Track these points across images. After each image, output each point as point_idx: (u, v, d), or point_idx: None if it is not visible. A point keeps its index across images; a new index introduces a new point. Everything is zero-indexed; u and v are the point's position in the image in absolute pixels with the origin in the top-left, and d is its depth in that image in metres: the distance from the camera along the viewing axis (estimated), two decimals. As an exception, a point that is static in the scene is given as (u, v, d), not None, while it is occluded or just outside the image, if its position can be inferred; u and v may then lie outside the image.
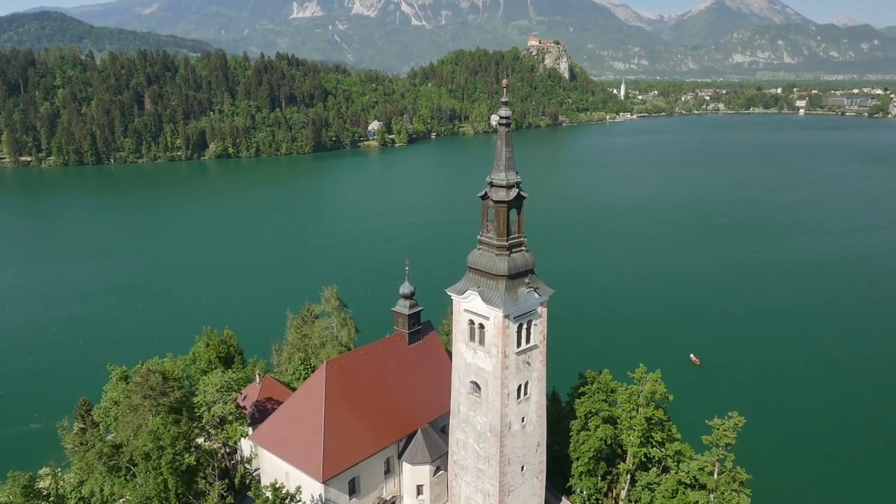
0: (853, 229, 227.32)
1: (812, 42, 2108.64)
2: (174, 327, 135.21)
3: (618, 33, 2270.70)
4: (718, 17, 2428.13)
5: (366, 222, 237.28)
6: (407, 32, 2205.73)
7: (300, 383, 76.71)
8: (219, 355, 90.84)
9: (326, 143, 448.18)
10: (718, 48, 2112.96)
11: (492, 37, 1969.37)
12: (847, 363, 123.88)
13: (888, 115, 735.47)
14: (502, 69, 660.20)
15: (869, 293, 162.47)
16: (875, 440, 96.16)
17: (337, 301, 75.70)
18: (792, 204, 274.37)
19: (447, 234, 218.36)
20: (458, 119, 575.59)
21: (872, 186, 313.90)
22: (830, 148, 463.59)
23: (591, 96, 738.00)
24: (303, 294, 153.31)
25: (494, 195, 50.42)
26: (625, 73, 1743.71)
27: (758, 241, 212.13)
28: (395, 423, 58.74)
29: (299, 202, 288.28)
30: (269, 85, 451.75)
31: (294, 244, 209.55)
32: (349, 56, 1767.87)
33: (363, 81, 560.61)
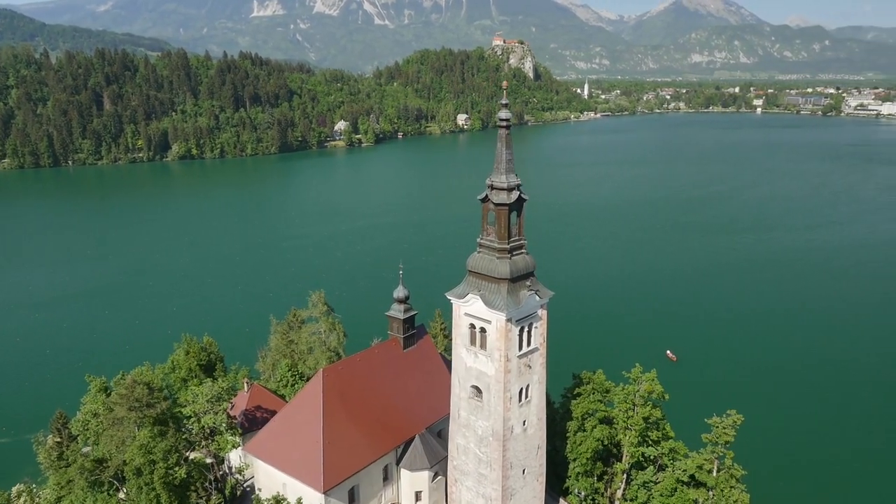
0: (815, 225, 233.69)
1: (766, 42, 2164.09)
2: (148, 335, 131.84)
3: (579, 33, 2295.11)
4: (677, 18, 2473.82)
5: (337, 224, 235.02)
6: (370, 32, 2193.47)
7: (288, 390, 75.40)
8: (199, 363, 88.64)
9: (292, 144, 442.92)
10: (677, 48, 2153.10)
11: (455, 36, 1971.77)
12: (816, 353, 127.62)
13: (840, 113, 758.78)
14: (468, 69, 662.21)
15: (834, 286, 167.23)
16: (853, 430, 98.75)
17: (324, 306, 74.38)
18: (755, 201, 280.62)
19: (423, 235, 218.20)
20: (425, 119, 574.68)
21: (830, 183, 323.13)
22: (788, 146, 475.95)
23: (555, 95, 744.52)
24: (280, 297, 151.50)
25: (495, 198, 49.98)
26: (587, 72, 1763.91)
27: (724, 237, 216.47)
28: (392, 430, 57.94)
29: (268, 203, 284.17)
30: (233, 85, 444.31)
31: (265, 246, 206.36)
32: (311, 55, 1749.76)
33: (328, 81, 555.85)
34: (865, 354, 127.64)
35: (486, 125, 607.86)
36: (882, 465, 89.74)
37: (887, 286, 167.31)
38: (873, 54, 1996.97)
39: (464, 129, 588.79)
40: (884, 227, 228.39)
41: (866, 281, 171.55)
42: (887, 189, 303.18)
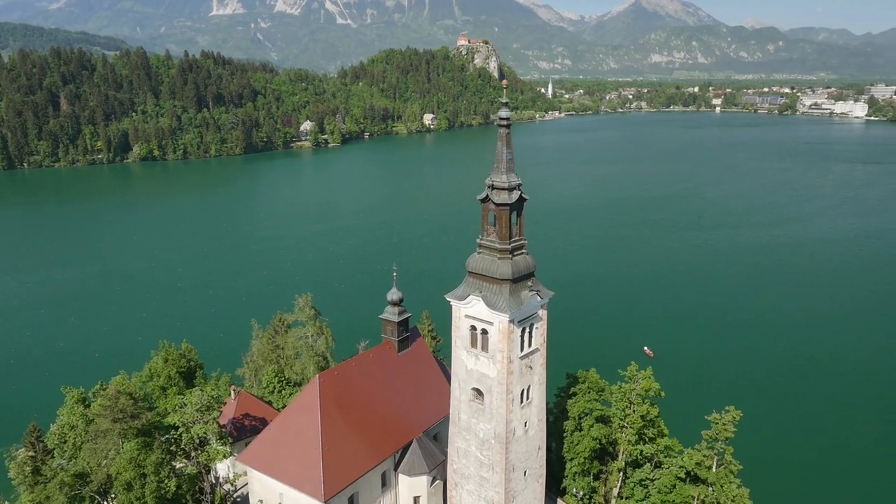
0: (780, 221, 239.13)
1: (723, 43, 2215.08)
2: (120, 342, 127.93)
3: (541, 33, 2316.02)
4: (636, 19, 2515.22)
5: (308, 226, 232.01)
6: (332, 31, 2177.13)
7: (275, 397, 73.70)
8: (179, 370, 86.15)
9: (258, 144, 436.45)
10: (637, 48, 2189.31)
11: (418, 36, 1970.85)
12: (789, 345, 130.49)
13: (796, 112, 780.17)
14: (433, 68, 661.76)
15: (801, 280, 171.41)
16: (831, 420, 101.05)
17: (312, 309, 72.77)
18: (720, 198, 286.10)
19: (398, 236, 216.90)
20: (391, 119, 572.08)
21: (790, 180, 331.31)
22: (748, 144, 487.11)
23: (520, 95, 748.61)
24: (257, 301, 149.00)
25: (496, 197, 49.32)
26: (549, 72, 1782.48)
27: (693, 234, 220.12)
28: (390, 435, 56.88)
29: (237, 205, 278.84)
30: (195, 84, 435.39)
31: (237, 249, 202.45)
32: (273, 55, 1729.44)
33: (293, 81, 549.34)
34: (836, 344, 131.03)
35: (453, 125, 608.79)
36: (862, 454, 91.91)
37: (852, 278, 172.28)
38: (824, 55, 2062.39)
39: (430, 129, 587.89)
40: (845, 223, 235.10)
41: (832, 274, 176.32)
42: (845, 186, 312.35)
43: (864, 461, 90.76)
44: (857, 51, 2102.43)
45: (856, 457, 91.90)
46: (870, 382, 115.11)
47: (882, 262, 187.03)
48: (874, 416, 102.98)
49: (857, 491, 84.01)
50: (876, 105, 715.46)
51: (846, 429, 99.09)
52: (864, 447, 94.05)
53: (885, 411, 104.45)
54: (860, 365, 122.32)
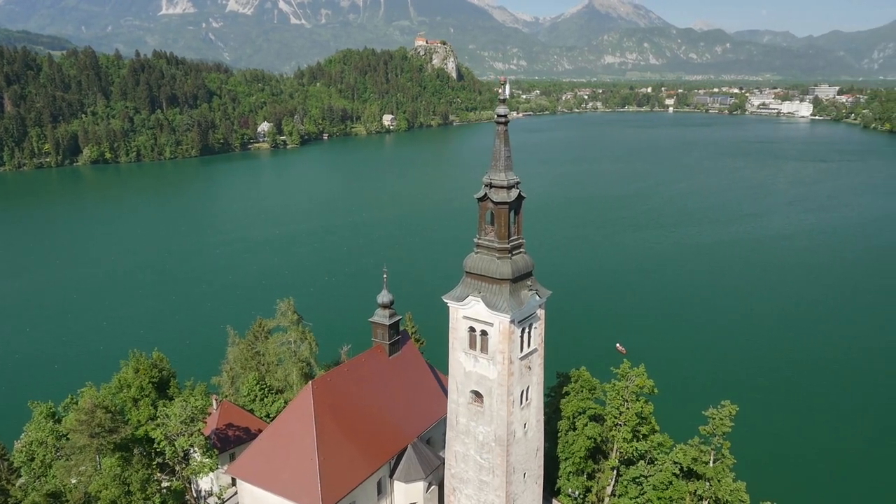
0: (737, 218, 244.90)
1: (674, 45, 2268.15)
2: (82, 353, 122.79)
3: (496, 34, 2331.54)
4: (589, 20, 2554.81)
5: (271, 228, 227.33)
6: (286, 31, 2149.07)
7: (257, 405, 71.37)
8: (151, 380, 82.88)
9: (214, 146, 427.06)
10: (591, 49, 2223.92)
11: (373, 36, 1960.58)
12: (757, 338, 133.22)
13: (745, 112, 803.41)
14: (391, 69, 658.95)
15: (763, 276, 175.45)
16: (802, 412, 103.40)
17: (294, 314, 70.67)
18: (677, 196, 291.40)
19: (371, 237, 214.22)
20: (350, 119, 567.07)
21: (745, 178, 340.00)
22: (702, 143, 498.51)
23: (478, 95, 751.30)
24: (225, 306, 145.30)
25: (495, 196, 48.46)
26: (505, 73, 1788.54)
27: (653, 232, 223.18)
28: (385, 441, 55.48)
29: (196, 208, 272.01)
30: (148, 85, 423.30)
31: (198, 253, 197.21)
32: (226, 55, 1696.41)
33: (249, 81, 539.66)
34: (805, 336, 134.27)
35: (412, 126, 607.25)
36: (845, 443, 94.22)
37: (812, 272, 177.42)
38: (769, 56, 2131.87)
39: (390, 130, 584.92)
40: (799, 218, 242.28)
41: (793, 269, 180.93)
42: (796, 183, 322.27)
43: (848, 449, 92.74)
44: (800, 53, 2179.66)
45: (841, 445, 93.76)
46: (842, 371, 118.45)
47: (838, 256, 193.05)
48: (852, 405, 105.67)
49: (845, 479, 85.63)
50: (820, 105, 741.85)
51: (824, 420, 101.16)
52: (846, 436, 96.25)
53: (850, 399, 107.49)
54: (826, 354, 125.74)
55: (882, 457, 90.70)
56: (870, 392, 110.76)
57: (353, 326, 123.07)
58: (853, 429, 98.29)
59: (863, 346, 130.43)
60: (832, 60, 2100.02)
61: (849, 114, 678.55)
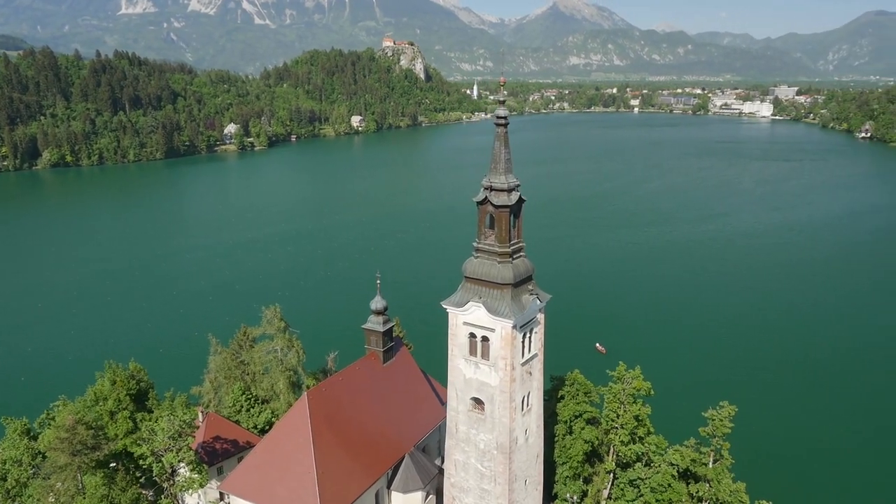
0: (707, 217, 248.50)
1: (637, 46, 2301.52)
2: (51, 365, 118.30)
3: (462, 35, 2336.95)
4: (554, 22, 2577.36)
5: (242, 232, 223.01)
6: (250, 31, 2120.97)
7: (243, 416, 69.24)
8: (129, 392, 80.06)
9: (179, 149, 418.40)
10: (556, 51, 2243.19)
11: (339, 37, 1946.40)
12: (734, 337, 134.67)
13: (708, 112, 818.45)
14: (359, 70, 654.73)
15: (735, 274, 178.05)
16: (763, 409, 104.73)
17: (281, 322, 68.72)
18: (648, 196, 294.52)
19: (337, 240, 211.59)
20: (318, 121, 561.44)
21: (709, 177, 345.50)
22: (668, 143, 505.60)
23: (447, 96, 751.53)
24: (200, 313, 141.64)
25: (496, 199, 47.62)
26: (472, 73, 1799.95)
27: (628, 232, 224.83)
28: (382, 451, 54.18)
29: (163, 212, 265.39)
30: (110, 86, 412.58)
31: (167, 259, 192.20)
32: (188, 56, 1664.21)
33: (214, 82, 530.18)
34: (784, 333, 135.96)
35: (381, 127, 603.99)
36: (830, 440, 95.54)
37: (783, 269, 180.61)
38: (729, 58, 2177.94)
39: (359, 132, 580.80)
40: (767, 216, 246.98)
41: (762, 266, 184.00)
42: (762, 182, 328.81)
43: (841, 447, 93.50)
44: (759, 54, 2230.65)
45: (834, 444, 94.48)
46: (827, 367, 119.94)
47: (809, 253, 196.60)
48: (838, 402, 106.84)
49: (841, 478, 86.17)
50: (780, 105, 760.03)
51: (815, 417, 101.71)
52: (836, 433, 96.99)
53: (836, 395, 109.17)
54: (810, 351, 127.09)
55: (876, 454, 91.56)
56: (855, 387, 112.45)
57: (335, 331, 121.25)
58: (842, 426, 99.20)
59: (847, 340, 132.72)
60: (789, 62, 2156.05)
61: (807, 114, 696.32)
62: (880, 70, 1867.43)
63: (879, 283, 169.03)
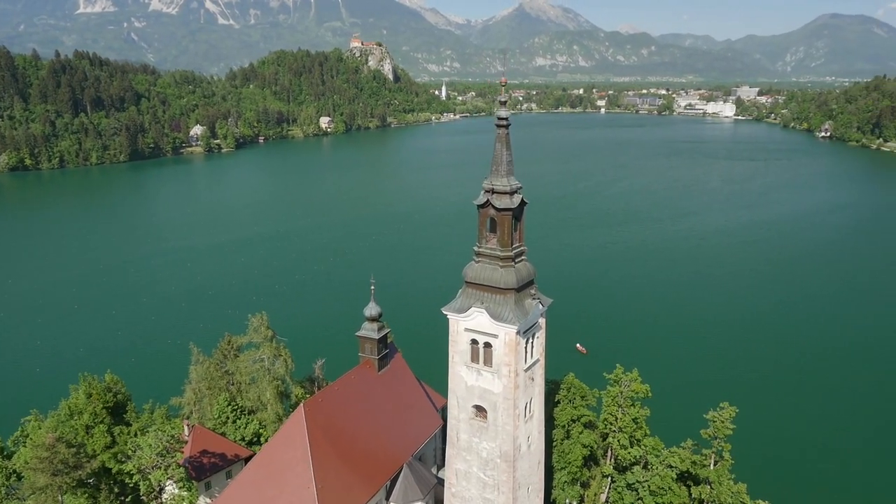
0: (677, 216, 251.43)
1: (602, 47, 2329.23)
2: (23, 379, 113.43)
3: (429, 36, 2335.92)
4: (520, 23, 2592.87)
5: (211, 236, 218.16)
6: (213, 32, 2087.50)
7: (229, 427, 66.91)
8: (105, 405, 76.97)
9: (144, 151, 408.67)
10: (522, 52, 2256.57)
11: (305, 38, 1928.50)
12: (708, 332, 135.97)
13: (673, 112, 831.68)
14: (327, 70, 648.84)
15: (707, 272, 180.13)
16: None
17: (268, 330, 66.55)
18: (619, 196, 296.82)
19: (310, 243, 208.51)
20: (287, 122, 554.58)
21: (678, 177, 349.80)
22: (636, 143, 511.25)
23: (415, 97, 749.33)
24: (174, 320, 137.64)
25: (498, 202, 46.62)
26: (439, 74, 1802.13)
27: (601, 232, 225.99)
28: (381, 462, 52.68)
29: (128, 216, 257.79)
30: (71, 87, 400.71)
31: (134, 264, 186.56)
32: (150, 56, 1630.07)
33: (178, 83, 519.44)
34: (757, 331, 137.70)
35: (350, 128, 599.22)
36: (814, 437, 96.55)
37: (756, 267, 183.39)
38: (691, 59, 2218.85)
39: (328, 133, 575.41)
40: (737, 214, 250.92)
41: (738, 264, 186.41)
42: (729, 181, 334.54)
43: (833, 447, 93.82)
44: (720, 55, 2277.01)
45: (826, 443, 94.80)
46: (810, 364, 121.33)
47: (781, 251, 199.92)
48: (823, 399, 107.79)
49: (835, 478, 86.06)
50: (743, 105, 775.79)
51: (802, 415, 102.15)
52: (825, 432, 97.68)
53: (821, 392, 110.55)
54: (794, 348, 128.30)
55: (867, 451, 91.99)
56: (842, 381, 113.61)
57: (319, 338, 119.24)
58: (834, 423, 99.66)
59: (830, 335, 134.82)
60: (749, 63, 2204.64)
61: (769, 114, 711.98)
62: (835, 71, 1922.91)
63: (856, 279, 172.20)
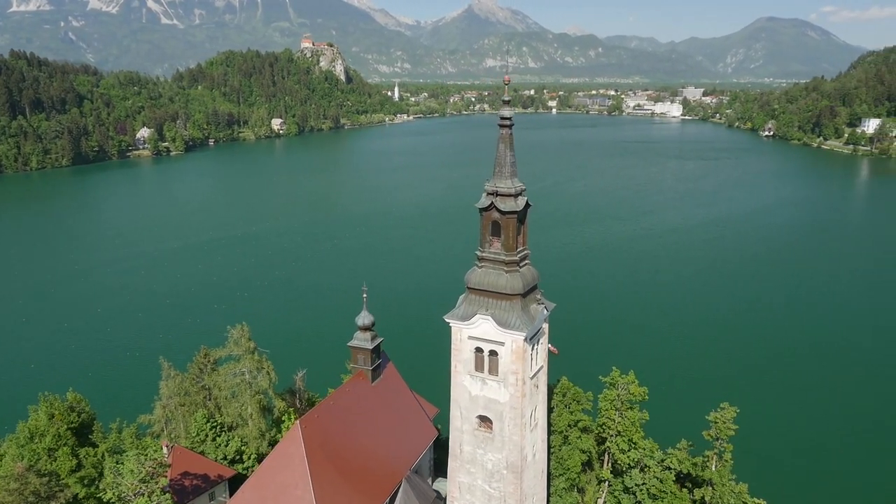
0: (636, 214, 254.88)
1: (550, 49, 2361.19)
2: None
3: (379, 37, 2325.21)
4: (470, 25, 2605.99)
5: (165, 241, 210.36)
6: (156, 31, 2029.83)
7: (209, 446, 63.38)
8: (70, 426, 72.39)
9: (88, 155, 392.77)
10: (473, 53, 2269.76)
11: (252, 38, 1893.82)
12: (681, 330, 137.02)
13: (622, 113, 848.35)
14: (277, 71, 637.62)
15: (669, 268, 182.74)
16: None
17: (249, 342, 63.25)
18: (577, 196, 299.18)
19: (272, 248, 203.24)
20: (238, 124, 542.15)
21: (634, 176, 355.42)
22: (588, 143, 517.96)
23: (368, 98, 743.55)
24: (134, 332, 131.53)
25: (502, 205, 45.02)
26: (390, 76, 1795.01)
27: (562, 231, 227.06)
28: (380, 477, 50.42)
29: (73, 223, 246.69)
30: (7, 88, 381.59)
31: (83, 274, 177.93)
32: (89, 56, 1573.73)
33: (123, 84, 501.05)
34: (731, 327, 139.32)
35: (303, 130, 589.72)
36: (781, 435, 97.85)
37: (721, 263, 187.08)
38: (637, 60, 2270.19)
39: (280, 135, 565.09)
40: (693, 212, 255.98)
41: (700, 261, 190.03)
42: (683, 179, 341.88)
43: (820, 443, 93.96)
44: (664, 57, 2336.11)
45: (818, 441, 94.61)
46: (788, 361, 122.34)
47: (738, 248, 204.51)
48: (808, 397, 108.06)
49: (831, 477, 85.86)
50: (689, 106, 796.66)
51: (784, 413, 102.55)
52: (815, 431, 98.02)
53: (806, 390, 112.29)
54: (776, 345, 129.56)
55: (865, 447, 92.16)
56: (820, 377, 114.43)
57: (293, 347, 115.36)
58: (826, 421, 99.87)
59: (802, 332, 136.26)
60: (692, 64, 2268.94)
61: (714, 114, 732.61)
62: (773, 72, 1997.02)
63: (826, 274, 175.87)
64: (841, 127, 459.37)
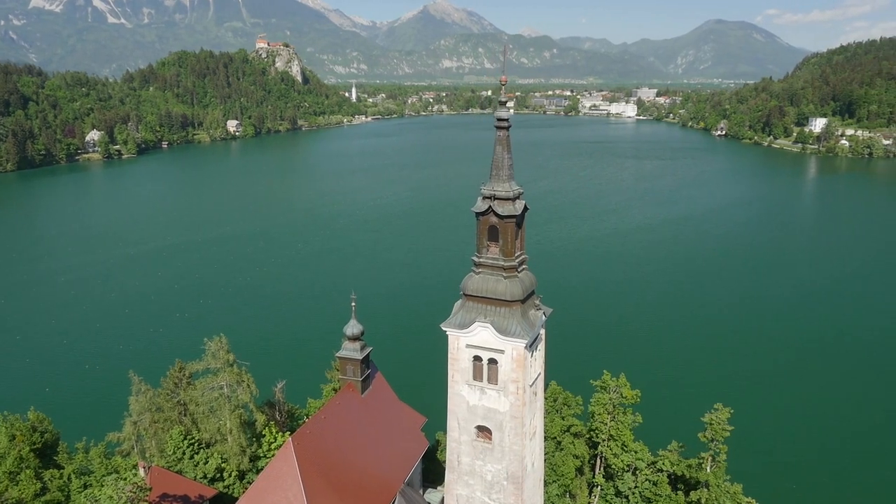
0: (602, 213, 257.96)
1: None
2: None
3: (335, 38, 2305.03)
4: (425, 26, 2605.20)
5: (118, 248, 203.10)
6: (103, 31, 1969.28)
7: (187, 464, 60.51)
8: (33, 448, 68.59)
9: (34, 158, 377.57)
10: (429, 54, 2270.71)
11: (204, 38, 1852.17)
12: (664, 331, 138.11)
13: (579, 113, 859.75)
14: (232, 72, 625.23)
15: (638, 268, 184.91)
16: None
17: (228, 354, 60.56)
18: (540, 196, 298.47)
19: (234, 253, 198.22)
20: (192, 126, 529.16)
21: (595, 176, 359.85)
22: (547, 144, 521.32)
23: (325, 99, 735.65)
24: (92, 344, 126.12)
25: (501, 209, 43.71)
26: (346, 76, 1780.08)
27: (527, 232, 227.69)
28: (374, 491, 48.63)
29: (18, 230, 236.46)
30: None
31: (31, 284, 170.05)
32: (32, 56, 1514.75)
33: (70, 85, 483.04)
34: (715, 325, 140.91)
35: (260, 131, 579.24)
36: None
37: (682, 260, 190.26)
38: (591, 61, 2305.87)
39: (236, 137, 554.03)
40: (653, 211, 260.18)
41: (666, 259, 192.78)
42: (641, 179, 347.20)
43: (815, 442, 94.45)
44: (617, 58, 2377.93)
45: (814, 439, 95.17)
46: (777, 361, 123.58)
47: (696, 246, 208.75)
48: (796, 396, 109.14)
49: (827, 477, 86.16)
50: (643, 106, 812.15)
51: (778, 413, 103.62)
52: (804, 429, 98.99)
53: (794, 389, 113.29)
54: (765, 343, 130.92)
55: (861, 445, 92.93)
56: (804, 375, 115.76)
57: (271, 358, 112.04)
58: (821, 420, 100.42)
59: (779, 329, 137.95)
60: (644, 65, 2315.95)
61: (668, 114, 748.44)
62: (721, 73, 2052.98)
63: (786, 272, 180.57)
64: (790, 126, 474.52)
